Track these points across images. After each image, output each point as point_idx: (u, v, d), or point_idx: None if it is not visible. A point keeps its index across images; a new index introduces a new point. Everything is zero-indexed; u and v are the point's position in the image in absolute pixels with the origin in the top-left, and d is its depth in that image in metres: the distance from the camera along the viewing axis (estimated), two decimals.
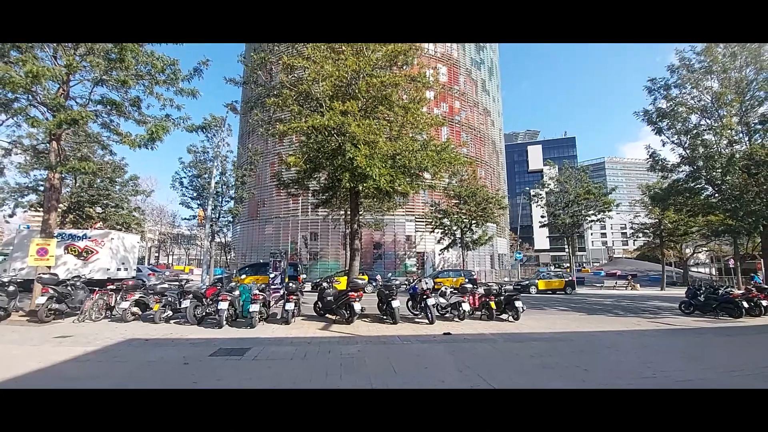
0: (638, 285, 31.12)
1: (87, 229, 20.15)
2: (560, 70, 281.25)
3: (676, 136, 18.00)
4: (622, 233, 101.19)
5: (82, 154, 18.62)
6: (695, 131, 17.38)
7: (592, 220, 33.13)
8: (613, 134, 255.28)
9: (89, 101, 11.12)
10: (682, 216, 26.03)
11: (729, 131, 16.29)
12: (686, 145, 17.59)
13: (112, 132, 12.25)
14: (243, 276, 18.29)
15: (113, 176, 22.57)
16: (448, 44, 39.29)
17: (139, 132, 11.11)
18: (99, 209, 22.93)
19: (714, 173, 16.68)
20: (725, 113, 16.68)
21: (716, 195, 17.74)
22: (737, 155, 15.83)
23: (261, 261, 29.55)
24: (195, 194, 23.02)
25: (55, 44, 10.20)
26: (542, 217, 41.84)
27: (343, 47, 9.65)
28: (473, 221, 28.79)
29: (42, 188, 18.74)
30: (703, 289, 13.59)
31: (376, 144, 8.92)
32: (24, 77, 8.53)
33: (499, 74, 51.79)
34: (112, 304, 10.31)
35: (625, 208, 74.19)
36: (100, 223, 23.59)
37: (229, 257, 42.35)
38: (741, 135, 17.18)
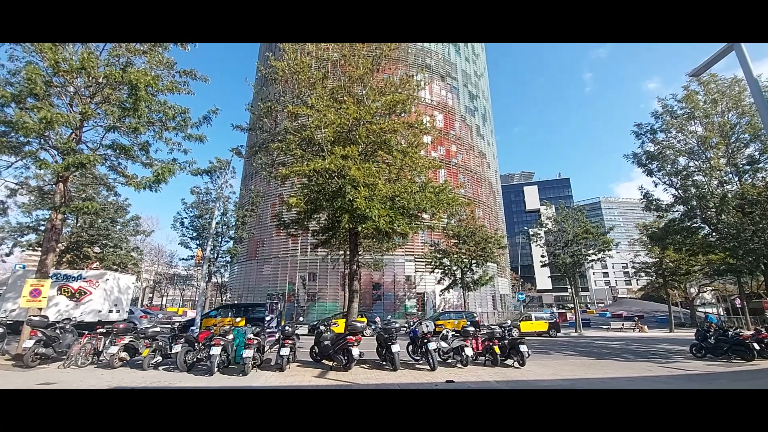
0: (646, 327, 30.15)
1: (83, 269, 19.92)
2: (549, 115, 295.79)
3: (667, 177, 18.45)
4: (624, 272, 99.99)
5: (87, 195, 18.97)
6: (685, 172, 17.82)
7: (592, 260, 32.90)
8: (607, 175, 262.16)
9: (100, 146, 11.57)
10: (683, 255, 25.96)
11: (718, 172, 16.72)
12: (678, 185, 17.99)
13: (119, 174, 12.60)
14: (214, 317, 16.68)
15: (115, 216, 22.81)
16: (443, 93, 41.70)
17: (145, 174, 11.48)
18: (97, 249, 22.85)
19: (709, 213, 16.90)
20: (712, 155, 17.17)
21: (713, 234, 17.83)
22: (729, 195, 16.08)
23: (236, 302, 28.73)
24: (195, 234, 23.09)
25: (72, 92, 10.86)
26: (542, 256, 41.61)
27: (345, 97, 10.27)
28: (473, 261, 28.58)
29: (42, 228, 18.85)
30: (713, 330, 13.19)
31: (375, 186, 9.18)
32: (38, 123, 8.95)
33: (492, 120, 54.36)
34: (101, 349, 9.90)
35: (624, 247, 74.02)
36: (97, 263, 23.39)
37: (225, 298, 41.39)
38: (731, 175, 17.46)
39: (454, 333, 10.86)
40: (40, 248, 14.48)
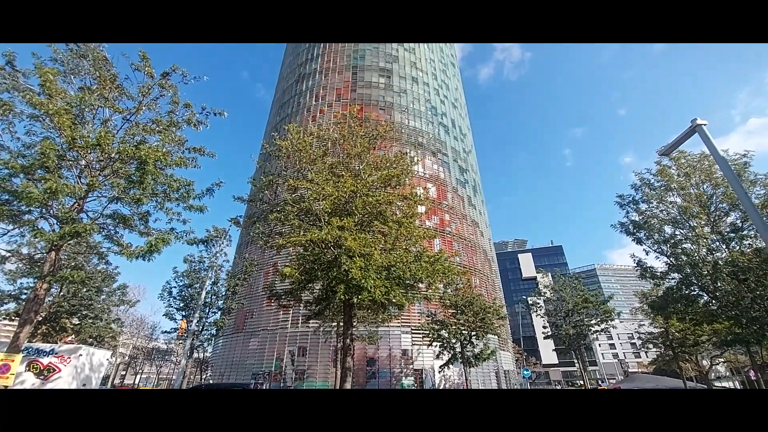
0: None
1: (57, 342, 18.54)
2: (536, 186, 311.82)
3: (656, 246, 18.79)
4: (631, 343, 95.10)
5: (76, 263, 18.58)
6: (673, 241, 18.22)
7: (596, 330, 31.63)
8: (599, 242, 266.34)
9: (101, 215, 11.73)
10: (688, 324, 25.14)
11: (705, 240, 17.12)
12: (668, 253, 18.24)
13: (114, 243, 12.55)
14: None
15: (101, 285, 22.05)
16: (435, 167, 44.40)
17: (141, 242, 11.45)
18: (76, 320, 21.58)
19: (704, 280, 16.87)
20: (695, 224, 17.74)
21: (713, 302, 17.56)
22: (720, 262, 16.23)
23: (212, 383, 26.22)
24: (182, 305, 22.14)
25: (83, 165, 11.32)
26: (544, 327, 39.98)
27: (343, 172, 10.93)
28: (473, 333, 27.26)
29: (24, 297, 18.00)
30: None
31: (371, 256, 9.22)
32: (42, 193, 9.18)
33: (482, 191, 57.00)
34: None
35: (627, 316, 71.71)
36: (73, 335, 21.87)
37: (205, 375, 37.91)
38: (718, 243, 17.69)
39: None
40: (18, 318, 13.65)
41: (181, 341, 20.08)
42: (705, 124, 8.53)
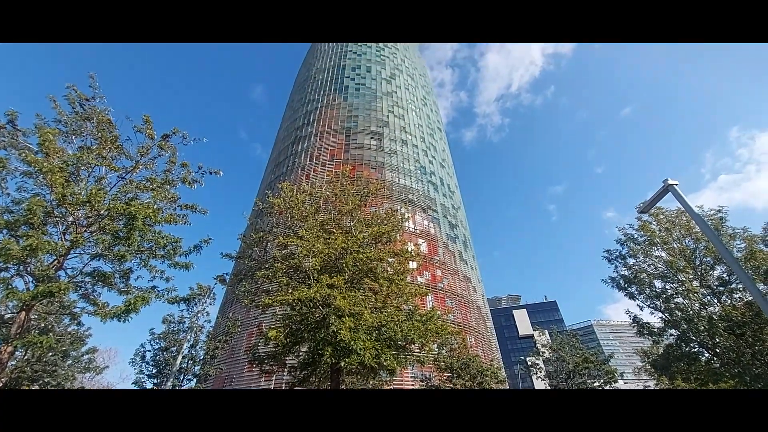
0: None
1: None
2: (524, 240, 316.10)
3: (649, 300, 18.65)
4: None
5: (46, 324, 17.34)
6: (665, 295, 18.14)
7: None
8: (593, 297, 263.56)
9: (80, 273, 11.26)
10: (693, 384, 23.92)
11: (695, 294, 17.10)
12: (662, 308, 18.04)
13: (89, 302, 11.88)
14: None
15: (69, 349, 20.33)
16: (426, 223, 45.13)
17: (119, 301, 10.85)
18: (36, 387, 19.44)
19: (702, 336, 16.49)
20: (684, 278, 17.84)
21: (714, 359, 16.98)
22: (715, 317, 16.03)
23: None
24: (154, 371, 20.30)
25: (70, 221, 11.11)
26: None
27: (334, 229, 10.99)
28: None
29: None
30: None
31: (360, 315, 8.86)
32: (21, 250, 8.86)
33: (473, 246, 57.43)
34: None
35: (630, 377, 68.10)
36: None
37: None
38: (709, 297, 17.63)
39: None
40: None
41: None
42: (676, 184, 9.05)
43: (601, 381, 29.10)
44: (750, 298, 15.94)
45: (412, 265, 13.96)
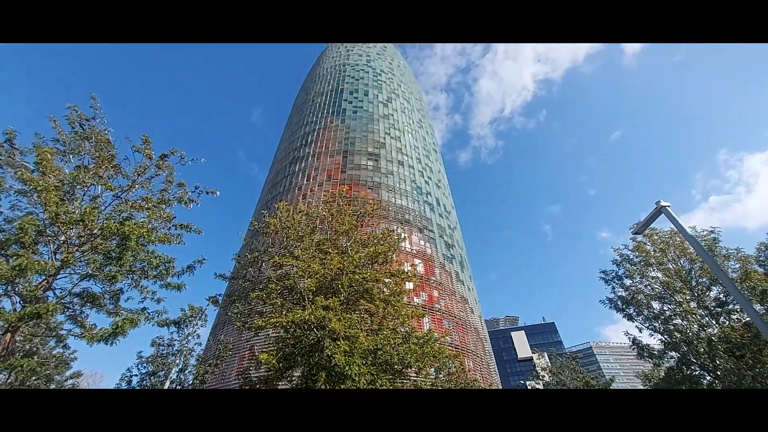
0: None
1: None
2: (521, 261, 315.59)
3: (648, 322, 18.48)
4: None
5: (31, 347, 16.74)
6: (663, 317, 18.00)
7: None
8: (591, 318, 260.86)
9: (68, 293, 10.99)
10: None
11: (693, 315, 16.97)
12: (661, 330, 17.86)
13: (77, 324, 11.53)
14: None
15: (53, 373, 19.54)
16: (422, 243, 45.00)
17: (107, 323, 10.56)
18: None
19: (702, 359, 16.26)
20: (681, 299, 17.76)
21: (716, 382, 16.66)
22: (714, 339, 15.86)
23: None
24: None
25: (62, 241, 10.93)
26: None
27: (330, 249, 10.92)
28: None
29: None
30: None
31: (356, 339, 8.64)
32: (10, 270, 8.67)
33: (469, 267, 57.11)
34: None
35: None
36: None
37: None
38: (707, 318, 17.48)
39: None
40: None
41: None
42: (669, 206, 9.15)
43: None
44: (748, 319, 15.86)
45: (409, 285, 13.79)
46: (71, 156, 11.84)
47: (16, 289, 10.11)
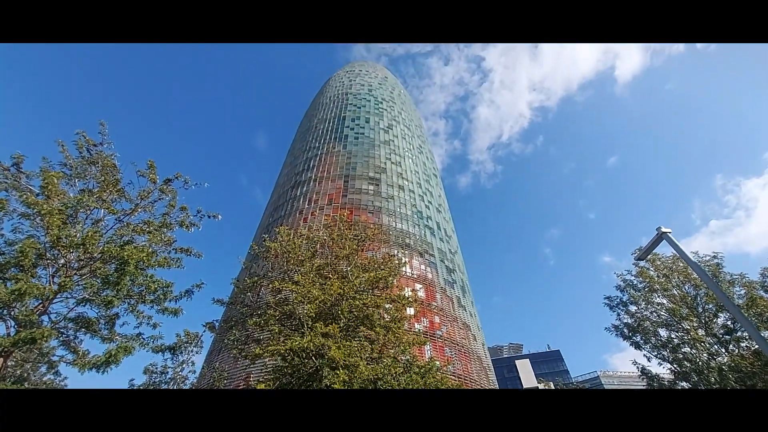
0: None
1: None
2: (524, 285, 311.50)
3: (656, 350, 17.95)
4: None
5: (22, 372, 16.25)
6: (671, 345, 17.50)
7: None
8: (598, 346, 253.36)
9: (64, 318, 10.79)
10: None
11: (702, 344, 16.50)
12: (670, 359, 17.32)
13: (70, 350, 11.25)
14: None
15: None
16: (423, 267, 44.60)
17: (102, 348, 10.29)
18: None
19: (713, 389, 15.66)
20: (688, 326, 17.32)
21: None
22: (725, 368, 15.36)
23: None
24: None
25: (61, 264, 10.83)
26: None
27: (330, 274, 10.82)
28: None
29: None
30: None
31: (356, 368, 8.37)
32: (9, 294, 8.56)
33: (471, 292, 56.25)
34: None
35: None
36: None
37: None
38: (716, 346, 16.99)
39: None
40: None
41: None
42: (669, 232, 9.16)
43: None
44: (756, 347, 15.43)
45: (410, 311, 13.52)
46: (76, 180, 12.00)
47: (12, 312, 9.95)
